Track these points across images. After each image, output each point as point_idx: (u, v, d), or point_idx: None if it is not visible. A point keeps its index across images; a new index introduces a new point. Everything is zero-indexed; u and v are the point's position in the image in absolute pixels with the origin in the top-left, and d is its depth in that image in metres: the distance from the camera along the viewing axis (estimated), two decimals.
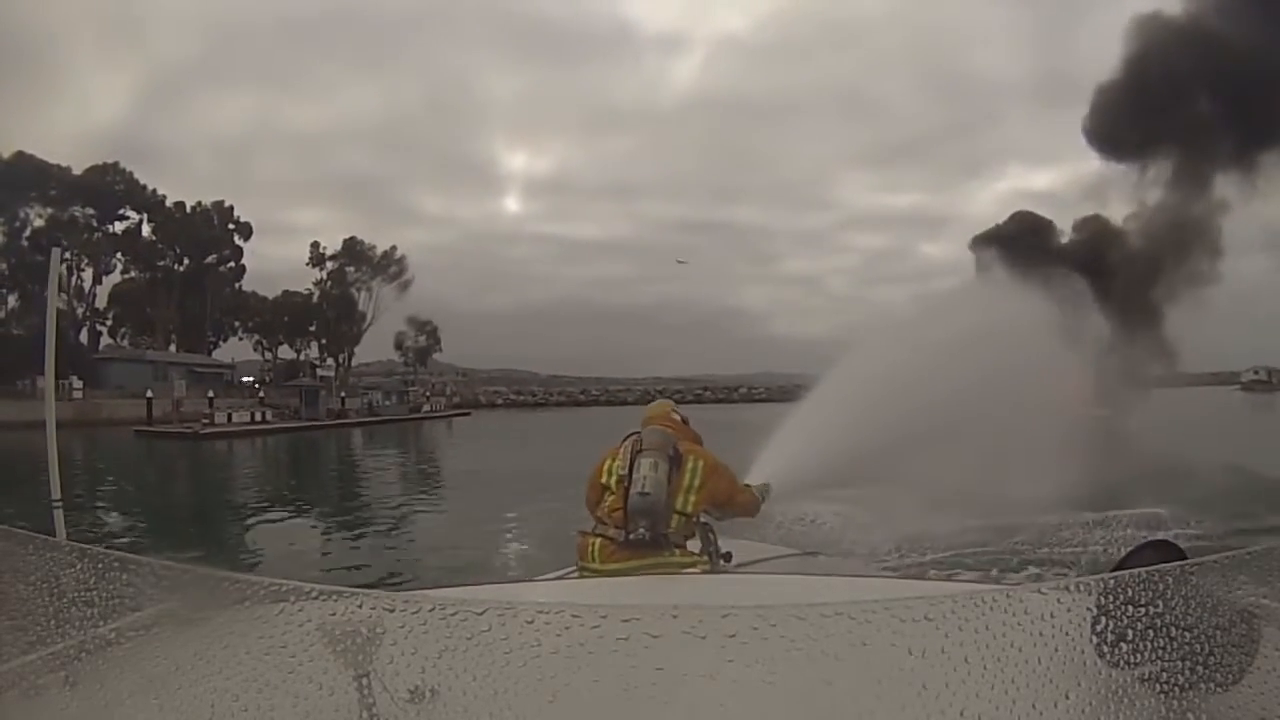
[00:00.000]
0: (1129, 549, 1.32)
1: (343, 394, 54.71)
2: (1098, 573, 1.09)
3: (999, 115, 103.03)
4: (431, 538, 13.09)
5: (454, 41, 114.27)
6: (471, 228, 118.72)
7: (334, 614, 0.99)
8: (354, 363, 67.31)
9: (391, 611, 1.00)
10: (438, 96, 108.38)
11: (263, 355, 65.19)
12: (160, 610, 1.12)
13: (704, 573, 2.97)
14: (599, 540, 3.13)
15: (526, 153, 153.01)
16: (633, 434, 3.33)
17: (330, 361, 64.51)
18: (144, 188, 57.75)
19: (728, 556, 3.18)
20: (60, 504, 3.32)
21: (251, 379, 58.30)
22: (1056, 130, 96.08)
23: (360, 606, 1.00)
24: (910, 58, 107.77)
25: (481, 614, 0.95)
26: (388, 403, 57.15)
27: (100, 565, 1.10)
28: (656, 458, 3.18)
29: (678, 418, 3.53)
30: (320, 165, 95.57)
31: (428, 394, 62.90)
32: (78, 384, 45.38)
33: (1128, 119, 36.26)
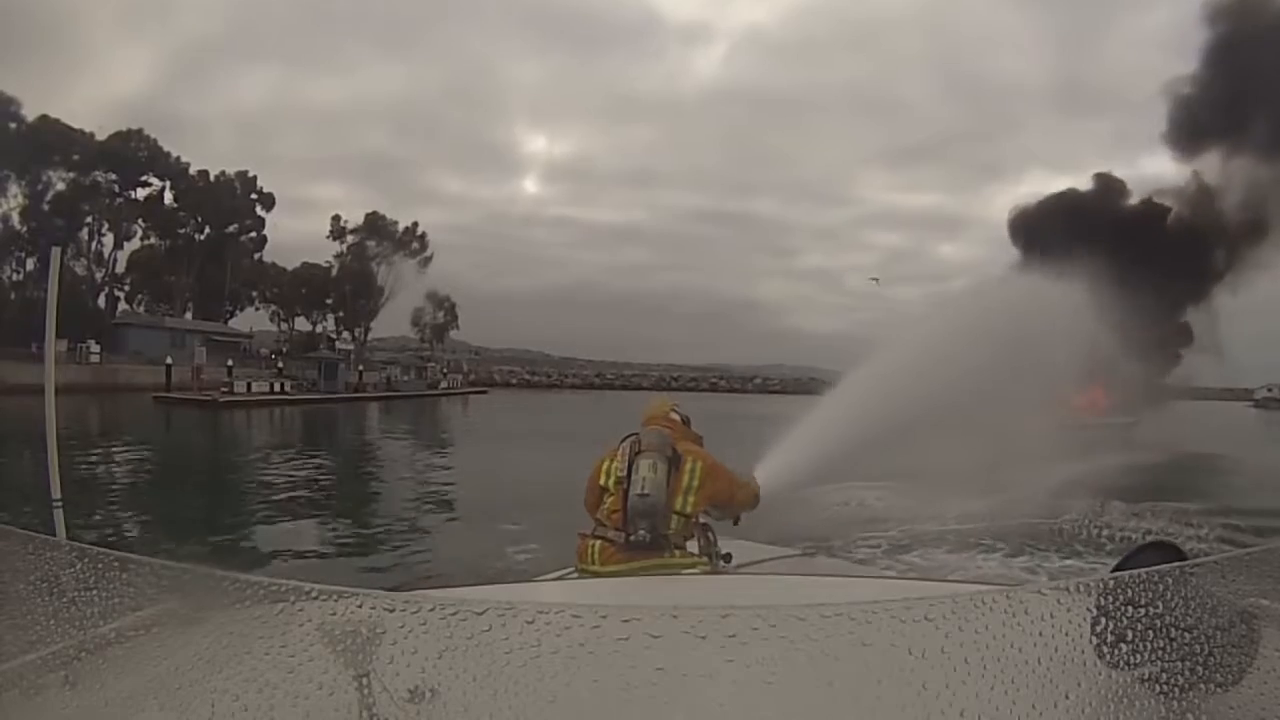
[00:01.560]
0: (1129, 549, 1.32)
1: (360, 368, 54.39)
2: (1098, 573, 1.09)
3: (1019, 120, 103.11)
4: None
5: (478, 25, 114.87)
6: (490, 209, 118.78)
7: (334, 614, 0.99)
8: (370, 337, 67.56)
9: (391, 611, 0.99)
10: (460, 78, 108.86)
11: (278, 326, 66.07)
12: (160, 610, 1.12)
13: (704, 573, 2.97)
14: (599, 543, 3.12)
15: (547, 137, 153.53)
16: (630, 435, 3.33)
17: (346, 335, 64.90)
18: (167, 155, 57.77)
19: (728, 557, 3.18)
20: (60, 504, 3.32)
21: (269, 350, 57.72)
22: (1077, 138, 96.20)
23: (360, 606, 1.00)
24: (932, 59, 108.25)
25: (481, 614, 0.95)
26: (406, 378, 56.86)
27: (100, 565, 1.10)
28: (655, 459, 3.17)
29: (677, 417, 3.52)
30: (341, 142, 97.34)
31: (445, 371, 62.91)
32: (95, 348, 45.50)
33: (1215, 105, 36.35)
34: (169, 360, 44.26)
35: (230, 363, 46.19)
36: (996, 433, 9.24)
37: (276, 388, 44.16)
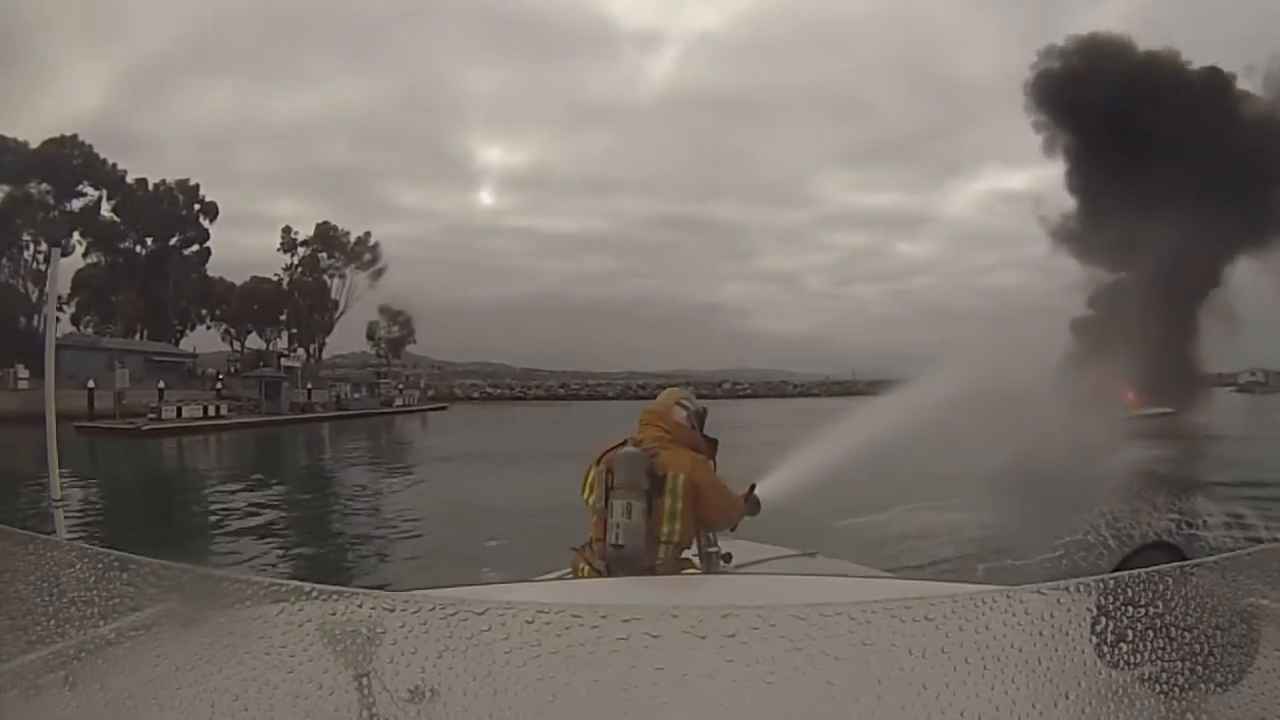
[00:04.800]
0: (1130, 550, 1.32)
1: (309, 386, 50.29)
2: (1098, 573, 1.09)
3: (978, 117, 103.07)
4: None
5: (433, 35, 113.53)
6: (449, 221, 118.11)
7: (334, 614, 1.00)
8: (327, 354, 65.20)
9: (391, 611, 1.00)
10: (417, 90, 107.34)
11: (230, 345, 62.14)
12: (160, 610, 1.12)
13: (704, 573, 2.97)
14: (587, 569, 2.98)
15: (504, 147, 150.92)
16: (609, 450, 3.02)
17: (301, 352, 60.88)
18: (104, 162, 53.68)
19: (728, 557, 3.17)
20: (60, 504, 3.32)
21: (216, 370, 53.04)
22: (1034, 133, 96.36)
23: (360, 606, 1.00)
24: (890, 58, 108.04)
25: (481, 614, 0.95)
26: (357, 395, 53.62)
27: (100, 565, 1.10)
28: (629, 498, 2.89)
29: (684, 412, 3.19)
30: (298, 157, 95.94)
31: (400, 386, 59.78)
32: (23, 373, 40.35)
33: None
34: (91, 384, 38.46)
35: (162, 385, 41.35)
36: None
37: (211, 411, 39.63)
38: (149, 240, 56.48)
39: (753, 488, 3.45)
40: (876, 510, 10.00)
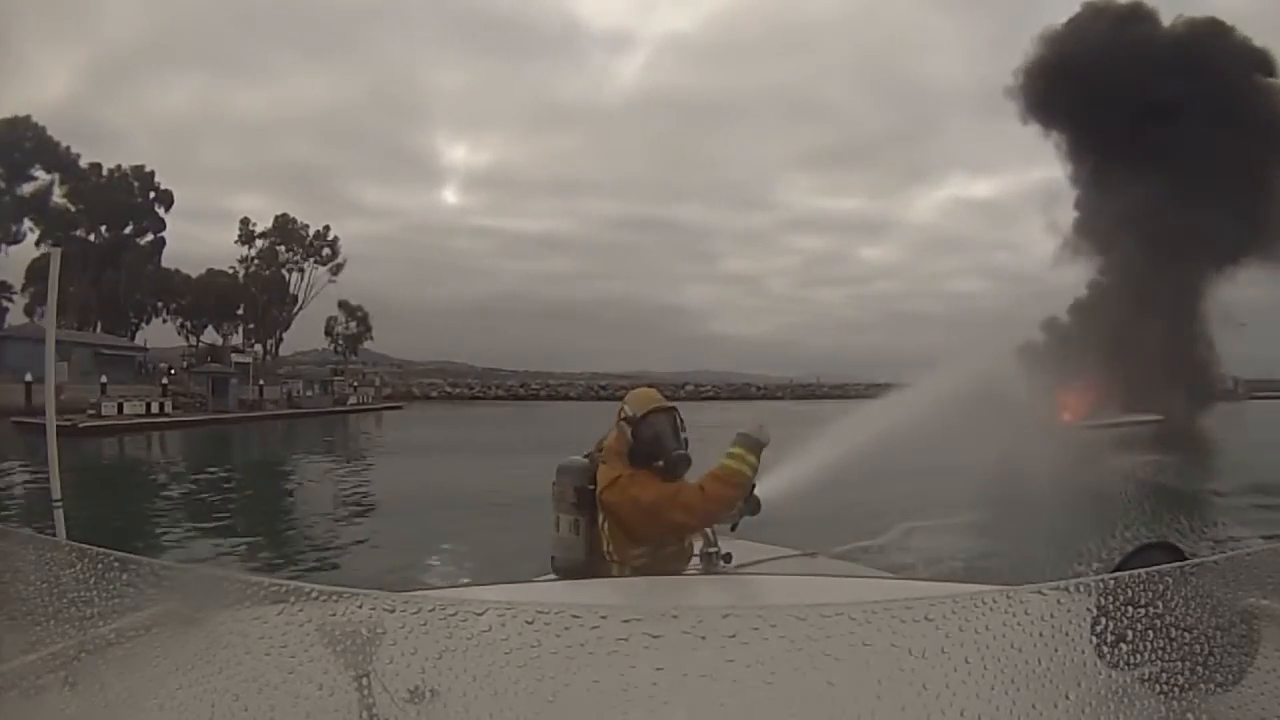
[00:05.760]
0: (1129, 550, 1.32)
1: (260, 383, 47.70)
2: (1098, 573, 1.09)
3: (943, 123, 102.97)
4: None
5: (401, 32, 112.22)
6: (412, 219, 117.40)
7: (334, 614, 1.00)
8: (288, 350, 63.25)
9: (391, 611, 1.00)
10: (382, 87, 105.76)
11: (187, 340, 59.92)
12: (160, 610, 1.12)
13: (704, 573, 2.97)
14: None
15: (469, 146, 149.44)
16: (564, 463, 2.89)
17: (258, 348, 58.56)
18: (57, 145, 50.84)
19: (728, 557, 3.17)
20: (60, 504, 3.32)
21: (168, 365, 49.87)
22: (1000, 140, 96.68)
23: (360, 606, 1.00)
24: (857, 63, 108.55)
25: (481, 614, 0.95)
26: (309, 393, 50.85)
27: (100, 565, 1.10)
28: (558, 511, 2.80)
29: (629, 416, 2.84)
30: (262, 152, 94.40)
31: (355, 384, 57.31)
32: None
33: None
34: (29, 377, 36.77)
35: (104, 379, 38.77)
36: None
37: (154, 408, 37.45)
38: (103, 229, 53.78)
39: (752, 487, 3.44)
40: (871, 532, 9.82)
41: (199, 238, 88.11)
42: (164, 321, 58.93)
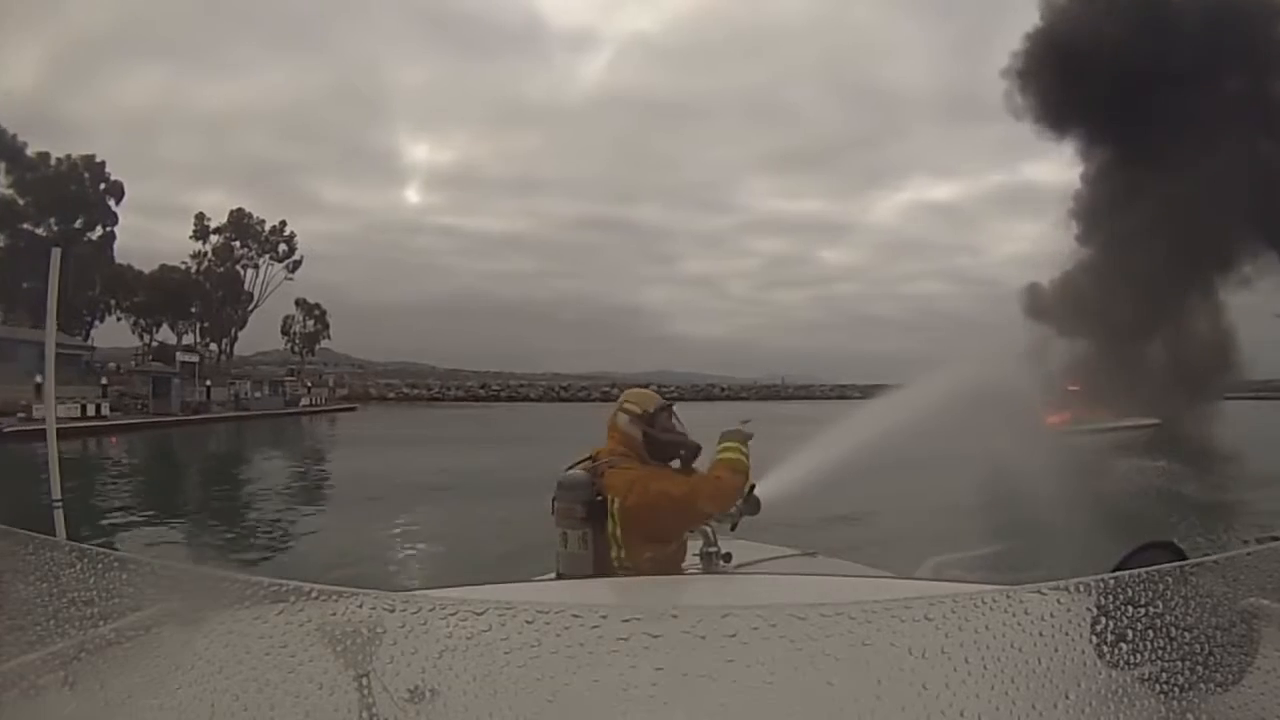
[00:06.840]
0: (1129, 550, 1.32)
1: (208, 383, 45.09)
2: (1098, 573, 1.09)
3: (905, 127, 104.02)
4: None
5: (364, 28, 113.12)
6: (372, 218, 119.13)
7: (334, 614, 1.00)
8: (249, 350, 61.79)
9: (391, 611, 1.00)
10: (345, 83, 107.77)
11: (141, 338, 56.59)
12: (160, 610, 1.12)
13: (704, 573, 2.97)
14: None
15: (430, 144, 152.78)
16: (569, 467, 2.87)
17: (214, 347, 56.80)
18: (2, 132, 47.54)
19: (728, 557, 3.17)
20: (60, 504, 3.32)
21: (116, 365, 48.40)
22: (961, 144, 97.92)
23: (360, 606, 1.00)
24: (820, 67, 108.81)
25: (481, 614, 0.95)
26: (258, 395, 49.00)
27: (100, 565, 1.10)
28: (565, 526, 2.76)
29: (626, 418, 2.89)
30: (221, 148, 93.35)
31: (309, 385, 55.63)
32: None
33: None
34: None
35: (38, 379, 33.88)
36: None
37: (92, 410, 34.71)
38: (52, 221, 50.03)
39: (752, 487, 3.44)
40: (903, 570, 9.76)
41: (158, 234, 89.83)
42: (118, 319, 55.99)
